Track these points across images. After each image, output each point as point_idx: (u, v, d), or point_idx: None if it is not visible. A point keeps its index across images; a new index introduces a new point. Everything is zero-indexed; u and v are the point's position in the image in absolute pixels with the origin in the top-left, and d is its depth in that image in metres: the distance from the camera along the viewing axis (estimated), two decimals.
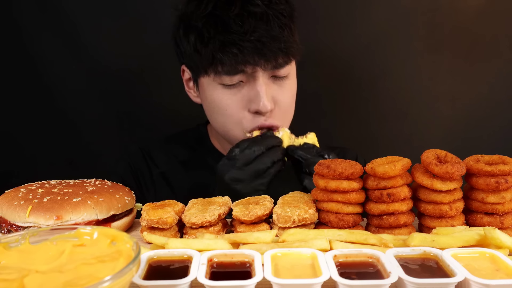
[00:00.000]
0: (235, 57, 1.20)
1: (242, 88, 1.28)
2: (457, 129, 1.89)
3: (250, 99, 1.26)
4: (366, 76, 1.87)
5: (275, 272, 0.74)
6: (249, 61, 1.21)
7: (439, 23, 1.82)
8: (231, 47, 1.19)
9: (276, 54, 1.22)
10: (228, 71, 1.24)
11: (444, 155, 1.01)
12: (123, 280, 0.58)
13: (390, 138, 1.91)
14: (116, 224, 1.07)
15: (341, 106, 1.91)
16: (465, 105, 1.88)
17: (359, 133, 1.91)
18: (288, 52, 1.25)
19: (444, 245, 0.85)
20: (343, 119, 1.92)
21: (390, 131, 1.91)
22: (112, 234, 0.71)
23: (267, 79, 1.28)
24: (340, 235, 0.90)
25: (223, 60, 1.21)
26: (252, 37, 1.19)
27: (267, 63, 1.23)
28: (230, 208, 1.05)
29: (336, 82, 1.87)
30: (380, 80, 1.87)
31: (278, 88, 1.30)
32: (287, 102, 1.32)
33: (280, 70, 1.27)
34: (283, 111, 1.32)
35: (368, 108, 1.90)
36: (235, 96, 1.28)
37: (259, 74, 1.25)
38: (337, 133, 1.92)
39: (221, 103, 1.29)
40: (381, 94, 1.89)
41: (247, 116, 1.28)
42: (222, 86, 1.28)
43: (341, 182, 0.98)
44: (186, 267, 0.77)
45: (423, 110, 1.89)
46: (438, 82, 1.87)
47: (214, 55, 1.22)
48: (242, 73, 1.25)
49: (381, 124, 1.91)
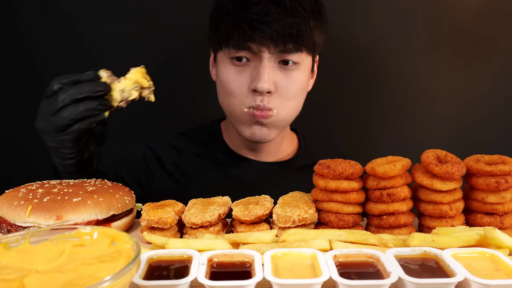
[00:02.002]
0: (243, 33, 1.24)
1: (248, 67, 1.30)
2: (457, 129, 1.89)
3: (252, 78, 1.29)
4: (366, 76, 1.87)
5: (275, 272, 0.74)
6: (256, 38, 1.24)
7: (439, 23, 1.82)
8: (242, 23, 1.24)
9: (284, 39, 1.24)
10: (235, 45, 1.28)
11: (444, 155, 1.01)
12: (123, 280, 0.58)
13: (390, 138, 1.91)
14: (116, 224, 1.07)
15: (341, 106, 1.91)
16: (465, 105, 1.88)
17: (359, 133, 1.91)
18: (298, 41, 1.26)
19: (444, 245, 0.85)
20: (343, 119, 1.92)
21: (390, 131, 1.91)
22: (112, 234, 0.71)
23: (274, 64, 1.29)
24: (340, 235, 0.90)
25: (233, 34, 1.26)
26: (265, 17, 1.22)
27: (274, 46, 1.25)
28: (230, 208, 1.05)
29: (336, 82, 1.87)
30: (380, 80, 1.87)
31: (283, 76, 1.31)
32: (290, 92, 1.32)
33: (287, 56, 1.28)
34: (283, 98, 1.32)
35: (368, 108, 1.90)
36: (240, 74, 1.31)
37: (265, 55, 1.27)
38: (337, 133, 1.92)
39: (228, 79, 1.32)
40: (381, 94, 1.89)
41: (248, 94, 1.31)
42: (231, 62, 1.32)
43: (341, 182, 0.98)
44: (186, 267, 0.77)
45: (423, 110, 1.89)
46: (438, 82, 1.87)
47: (227, 28, 1.27)
48: (248, 51, 1.27)
49: (381, 124, 1.91)
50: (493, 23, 1.81)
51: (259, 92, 1.28)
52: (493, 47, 1.84)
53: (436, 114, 1.89)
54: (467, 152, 1.07)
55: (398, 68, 1.86)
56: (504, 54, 1.84)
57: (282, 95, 1.31)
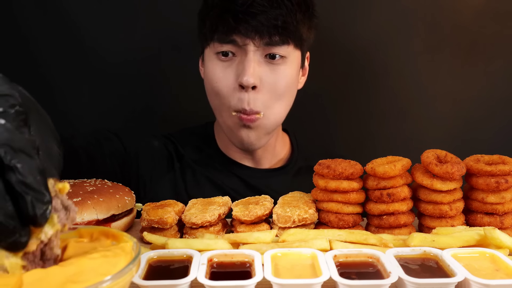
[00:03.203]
0: (228, 25, 1.22)
1: (234, 62, 1.28)
2: (457, 129, 1.89)
3: (238, 73, 1.26)
4: (366, 76, 1.87)
5: (275, 272, 0.74)
6: (241, 30, 1.22)
7: (439, 23, 1.82)
8: (227, 15, 1.23)
9: (269, 30, 1.22)
10: (220, 38, 1.26)
11: (444, 155, 1.01)
12: (123, 280, 0.58)
13: (390, 138, 1.91)
14: (116, 224, 1.07)
15: (341, 106, 1.91)
16: (465, 105, 1.88)
17: (359, 133, 1.91)
18: (283, 33, 1.24)
19: (444, 245, 0.85)
20: (343, 119, 1.91)
21: (390, 131, 1.91)
22: (112, 234, 0.71)
23: (260, 58, 1.26)
24: (340, 235, 0.90)
25: (218, 27, 1.25)
26: (249, 9, 1.21)
27: (260, 38, 1.23)
28: (230, 208, 1.05)
29: (336, 82, 1.87)
30: (380, 80, 1.87)
31: (269, 71, 1.27)
32: (278, 88, 1.28)
33: (273, 49, 1.25)
34: (271, 96, 1.28)
35: (368, 108, 1.90)
36: (226, 70, 1.28)
37: (250, 48, 1.24)
38: (337, 133, 1.91)
39: (214, 76, 1.30)
40: (381, 94, 1.89)
41: (235, 94, 1.27)
42: (217, 58, 1.29)
43: (341, 182, 0.98)
44: (186, 267, 0.77)
45: (423, 110, 1.89)
46: (438, 82, 1.87)
47: (212, 22, 1.26)
48: (233, 44, 1.25)
49: (381, 124, 1.91)
50: (493, 23, 1.81)
51: (244, 88, 1.24)
52: (493, 47, 1.83)
53: (436, 114, 1.89)
54: (467, 152, 1.07)
55: (398, 68, 1.86)
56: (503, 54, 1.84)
57: (269, 91, 1.27)
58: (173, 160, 1.46)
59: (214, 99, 1.34)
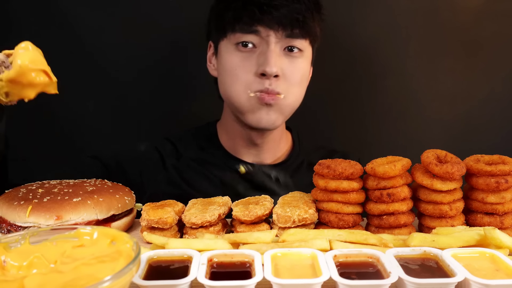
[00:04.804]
0: (253, 15, 1.27)
1: (254, 53, 1.32)
2: (457, 129, 1.89)
3: (259, 64, 1.30)
4: (366, 76, 1.87)
5: (275, 272, 0.74)
6: (265, 21, 1.27)
7: (439, 23, 1.82)
8: (252, 6, 1.27)
9: (292, 23, 1.28)
10: (242, 28, 1.30)
11: (444, 155, 1.01)
12: (123, 280, 0.58)
13: (390, 138, 1.91)
14: (116, 224, 1.07)
15: (341, 105, 1.91)
16: (465, 105, 1.88)
17: (359, 133, 1.91)
18: (304, 27, 1.30)
19: (444, 245, 0.85)
20: (343, 118, 1.92)
21: (390, 131, 1.91)
22: (112, 234, 0.71)
23: (280, 50, 1.32)
24: (340, 235, 0.90)
25: (242, 17, 1.29)
26: (273, 1, 1.26)
27: (282, 30, 1.28)
28: (230, 208, 1.05)
29: (336, 81, 1.87)
30: (380, 80, 1.87)
31: (288, 63, 1.33)
32: (295, 78, 1.34)
33: (293, 41, 1.31)
34: (288, 83, 1.33)
35: (368, 108, 1.90)
36: (246, 60, 1.32)
37: (272, 39, 1.29)
38: (337, 133, 1.91)
39: (233, 65, 1.33)
40: (381, 94, 1.89)
41: (255, 79, 1.31)
42: (236, 49, 1.33)
43: (341, 182, 0.98)
44: (186, 267, 0.77)
45: (423, 110, 1.89)
46: (438, 82, 1.87)
47: (236, 12, 1.30)
48: (255, 34, 1.30)
49: (381, 124, 1.91)
50: (493, 23, 1.82)
51: (267, 76, 1.29)
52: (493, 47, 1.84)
53: (436, 114, 1.89)
54: (467, 152, 1.07)
55: (398, 68, 1.86)
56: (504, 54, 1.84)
57: (287, 80, 1.33)
58: (164, 160, 1.49)
59: (230, 87, 1.36)
